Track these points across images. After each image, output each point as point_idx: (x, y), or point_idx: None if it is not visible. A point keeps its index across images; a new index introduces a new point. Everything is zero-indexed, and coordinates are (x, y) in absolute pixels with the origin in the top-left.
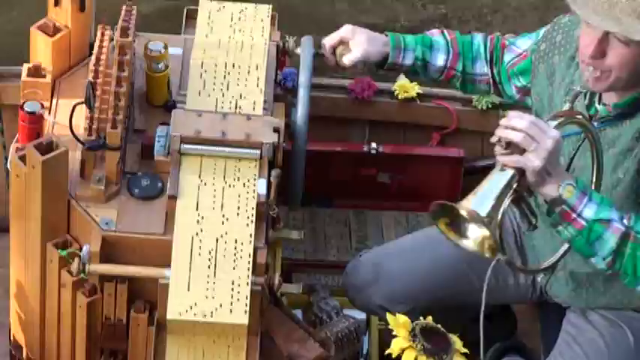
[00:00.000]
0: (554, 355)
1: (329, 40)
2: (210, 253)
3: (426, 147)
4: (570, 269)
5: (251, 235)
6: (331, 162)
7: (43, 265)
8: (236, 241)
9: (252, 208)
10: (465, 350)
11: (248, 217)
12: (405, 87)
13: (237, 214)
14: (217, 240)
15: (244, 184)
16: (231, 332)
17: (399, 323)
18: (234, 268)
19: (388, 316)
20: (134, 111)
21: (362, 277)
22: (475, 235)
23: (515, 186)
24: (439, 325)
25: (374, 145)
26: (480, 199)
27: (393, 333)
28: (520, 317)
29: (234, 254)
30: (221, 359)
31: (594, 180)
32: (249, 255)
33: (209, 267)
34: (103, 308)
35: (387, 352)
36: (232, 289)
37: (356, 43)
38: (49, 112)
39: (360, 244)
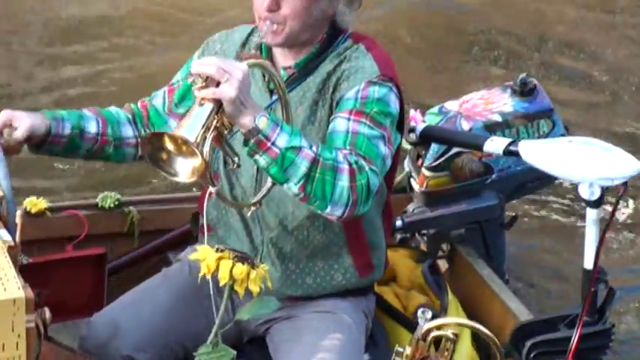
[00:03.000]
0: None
1: None
2: None
3: (67, 252)
4: (276, 243)
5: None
6: None
7: None
8: None
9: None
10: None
11: None
12: (33, 202)
13: None
14: None
15: None
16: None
17: (202, 250)
18: None
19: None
20: None
21: (101, 335)
22: (185, 167)
23: (215, 123)
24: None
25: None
26: (187, 129)
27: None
28: None
29: None
30: None
31: (285, 120)
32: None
33: None
34: None
35: (200, 274)
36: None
37: (19, 121)
38: None
39: None
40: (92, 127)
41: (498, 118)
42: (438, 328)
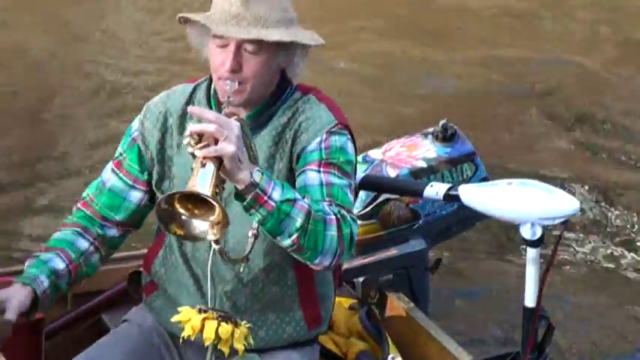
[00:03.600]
0: None
1: None
2: None
3: None
4: (231, 297)
5: None
6: None
7: None
8: None
9: None
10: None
11: None
12: None
13: None
14: None
15: None
16: None
17: (185, 312)
18: None
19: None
20: None
21: None
22: (203, 227)
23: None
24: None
25: None
26: (199, 185)
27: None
28: None
29: None
30: None
31: None
32: None
33: None
34: None
35: (185, 335)
36: None
37: (6, 303)
38: None
39: None
40: (60, 264)
41: (423, 164)
42: None
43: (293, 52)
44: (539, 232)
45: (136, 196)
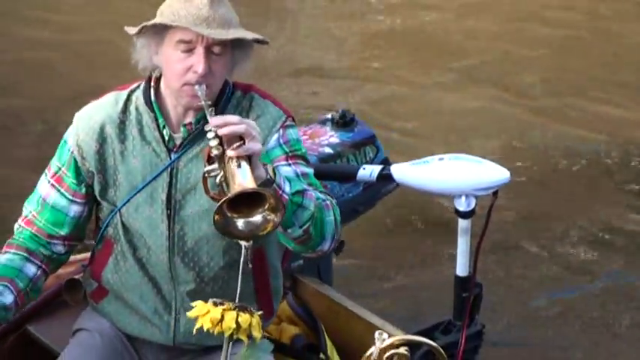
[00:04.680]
0: None
1: None
2: None
3: None
4: (193, 297)
5: None
6: None
7: None
8: None
9: None
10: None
11: None
12: None
13: None
14: None
15: None
16: None
17: (200, 306)
18: None
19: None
20: None
21: None
22: (260, 217)
23: None
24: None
25: None
26: (246, 183)
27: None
28: None
29: None
30: None
31: None
32: None
33: None
34: None
35: (203, 328)
36: None
37: None
38: None
39: None
40: (8, 298)
41: (330, 151)
42: (395, 346)
43: (245, 52)
44: (472, 204)
45: (77, 210)
